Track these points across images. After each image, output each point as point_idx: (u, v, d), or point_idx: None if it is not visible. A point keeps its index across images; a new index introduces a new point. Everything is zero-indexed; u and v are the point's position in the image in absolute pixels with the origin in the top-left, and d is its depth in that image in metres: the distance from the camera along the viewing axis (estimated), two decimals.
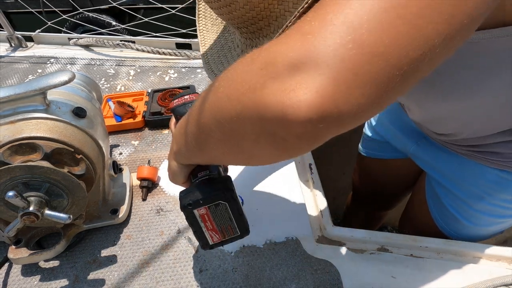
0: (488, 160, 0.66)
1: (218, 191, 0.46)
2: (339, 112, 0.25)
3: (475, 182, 0.71)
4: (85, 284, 0.65)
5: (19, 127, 0.57)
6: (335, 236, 0.71)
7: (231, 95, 0.30)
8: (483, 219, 0.74)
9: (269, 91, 0.27)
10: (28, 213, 0.54)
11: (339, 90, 0.25)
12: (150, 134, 1.01)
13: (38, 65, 1.38)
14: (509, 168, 0.65)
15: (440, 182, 0.79)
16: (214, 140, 0.36)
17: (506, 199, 0.69)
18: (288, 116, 0.26)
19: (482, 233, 0.79)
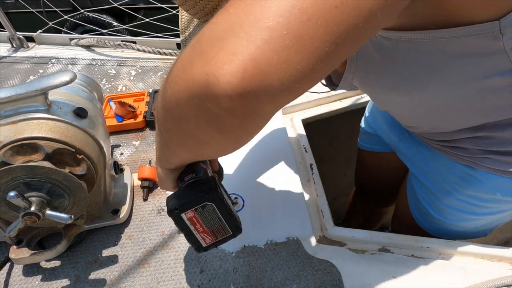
0: (456, 155, 0.67)
1: (203, 192, 0.46)
2: (262, 73, 0.24)
3: (445, 177, 0.72)
4: (86, 284, 0.65)
5: (21, 127, 0.57)
6: (336, 236, 0.71)
7: (171, 81, 0.31)
8: (453, 214, 0.75)
9: (195, 66, 0.27)
10: (29, 213, 0.54)
11: (256, 47, 0.24)
12: (151, 134, 1.01)
13: (40, 66, 1.38)
14: (474, 164, 0.65)
15: (417, 176, 0.81)
16: (170, 134, 0.36)
17: (472, 195, 0.69)
18: (212, 87, 0.25)
19: (459, 229, 0.79)
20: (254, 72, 0.24)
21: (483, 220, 0.75)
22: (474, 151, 0.63)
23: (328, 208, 0.76)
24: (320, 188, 0.81)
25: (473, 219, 0.74)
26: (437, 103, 0.56)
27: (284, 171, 0.87)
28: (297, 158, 0.91)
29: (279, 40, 0.24)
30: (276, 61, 0.24)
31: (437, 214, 0.77)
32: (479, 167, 0.64)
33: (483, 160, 0.63)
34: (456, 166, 0.68)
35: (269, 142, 0.96)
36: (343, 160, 1.63)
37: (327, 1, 0.24)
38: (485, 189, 0.66)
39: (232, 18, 0.26)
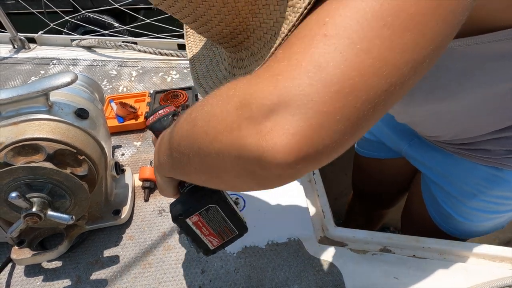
0: (478, 157, 0.66)
1: (205, 195, 0.46)
2: (315, 152, 0.26)
3: (467, 179, 0.72)
4: (87, 284, 0.65)
5: (22, 128, 0.57)
6: (337, 236, 0.71)
7: (209, 132, 0.31)
8: (477, 215, 0.75)
9: (246, 133, 0.27)
10: (31, 214, 0.54)
11: (313, 131, 0.26)
12: (152, 135, 1.01)
13: (41, 67, 1.38)
14: (498, 165, 0.65)
15: (434, 180, 0.80)
16: (194, 168, 0.36)
17: (498, 195, 0.69)
18: (267, 159, 0.26)
19: (480, 229, 0.79)
20: (309, 151, 0.26)
21: (505, 216, 0.75)
22: (499, 152, 0.63)
23: (329, 209, 0.76)
24: (321, 189, 0.81)
25: (496, 217, 0.75)
26: (467, 108, 0.56)
27: None
28: None
29: (334, 125, 0.26)
30: (328, 143, 0.26)
31: (460, 216, 0.77)
32: (505, 167, 0.64)
33: (509, 160, 0.63)
34: (478, 168, 0.68)
35: None
36: (344, 160, 1.63)
37: (376, 88, 0.26)
38: (511, 188, 0.67)
39: (284, 90, 0.26)
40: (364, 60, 0.26)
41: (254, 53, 0.40)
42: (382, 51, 0.26)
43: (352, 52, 0.26)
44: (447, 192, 0.77)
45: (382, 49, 0.26)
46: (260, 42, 0.39)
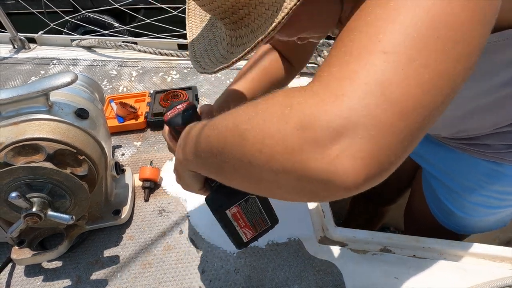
0: (479, 152, 0.67)
1: None
2: (381, 171, 0.26)
3: (468, 174, 0.72)
4: (87, 284, 0.65)
5: (22, 128, 0.57)
6: (337, 236, 0.71)
7: (264, 151, 0.29)
8: (478, 210, 0.75)
9: (310, 157, 0.26)
10: (31, 214, 0.54)
11: (381, 152, 0.26)
12: (153, 135, 1.01)
13: (41, 67, 1.38)
14: (498, 160, 0.66)
15: (434, 175, 0.80)
16: (239, 176, 0.35)
17: (499, 190, 0.70)
18: (335, 183, 0.26)
19: (481, 224, 0.80)
20: (376, 171, 0.26)
21: (506, 212, 0.76)
22: (499, 147, 0.64)
23: (329, 209, 0.76)
24: None
25: (497, 212, 0.75)
26: (474, 104, 0.56)
27: None
28: None
29: (400, 143, 0.26)
30: (393, 160, 0.27)
31: (461, 212, 0.77)
32: (505, 162, 0.65)
33: (509, 154, 0.64)
34: (479, 163, 0.68)
35: None
36: None
37: (435, 102, 0.27)
38: (511, 182, 0.67)
39: (351, 111, 0.26)
40: (424, 75, 0.26)
41: (254, 30, 0.40)
42: (438, 64, 0.26)
43: (412, 68, 0.26)
44: (448, 187, 0.77)
45: (438, 62, 0.26)
46: (261, 18, 0.39)
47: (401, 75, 0.26)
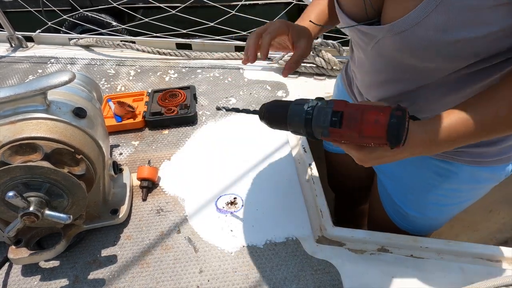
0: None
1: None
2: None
3: (420, 174, 0.73)
4: (85, 284, 0.65)
5: (20, 127, 0.57)
6: (335, 236, 0.71)
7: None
8: (431, 209, 0.77)
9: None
10: (28, 213, 0.54)
11: None
12: (150, 134, 1.01)
13: (39, 65, 1.38)
14: (450, 159, 0.67)
15: (389, 176, 0.81)
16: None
17: (449, 188, 0.71)
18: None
19: (435, 222, 0.81)
20: None
21: (458, 207, 0.78)
22: None
23: (327, 208, 0.76)
24: (319, 188, 0.81)
25: (450, 209, 0.77)
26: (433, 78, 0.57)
27: (283, 171, 0.87)
28: (297, 158, 0.91)
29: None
30: None
31: (415, 212, 0.79)
32: (456, 160, 0.66)
33: (459, 154, 0.65)
34: (430, 163, 0.70)
35: (268, 142, 0.96)
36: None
37: None
38: (461, 180, 0.69)
39: None
40: None
41: None
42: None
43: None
44: (401, 188, 0.79)
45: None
46: None
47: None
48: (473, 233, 1.70)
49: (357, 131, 0.46)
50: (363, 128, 0.46)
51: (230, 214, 0.77)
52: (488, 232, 1.66)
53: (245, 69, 1.30)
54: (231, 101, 1.13)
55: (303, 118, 0.51)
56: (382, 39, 0.54)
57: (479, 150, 0.64)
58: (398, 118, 0.44)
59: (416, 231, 0.83)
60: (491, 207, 1.60)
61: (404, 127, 0.44)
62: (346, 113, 0.48)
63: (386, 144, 0.46)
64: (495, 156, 0.65)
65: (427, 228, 0.83)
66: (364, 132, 0.46)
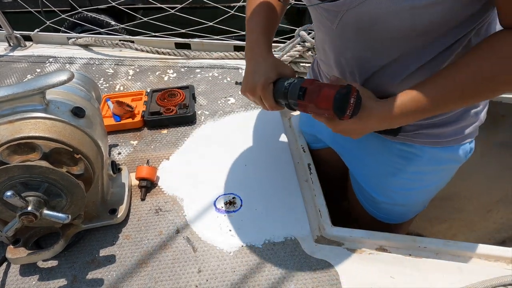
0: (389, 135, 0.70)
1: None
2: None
3: (386, 158, 0.75)
4: (83, 284, 0.65)
5: (18, 126, 0.57)
6: (334, 236, 0.71)
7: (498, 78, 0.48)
8: (399, 194, 0.79)
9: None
10: (26, 213, 0.54)
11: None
12: (149, 134, 1.01)
13: (37, 65, 1.37)
14: (410, 141, 0.70)
15: (357, 164, 0.84)
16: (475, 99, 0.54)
17: (414, 171, 0.73)
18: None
19: (402, 209, 0.84)
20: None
21: (424, 192, 0.80)
22: (408, 128, 0.68)
23: (326, 208, 0.76)
24: (318, 188, 0.81)
25: (417, 193, 0.80)
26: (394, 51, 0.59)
27: (282, 171, 0.87)
28: (295, 158, 0.91)
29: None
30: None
31: (384, 197, 0.81)
32: (415, 142, 0.69)
33: (418, 135, 0.68)
34: (393, 146, 0.72)
35: (267, 143, 0.96)
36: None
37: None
38: (424, 162, 0.72)
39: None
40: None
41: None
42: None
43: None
44: (368, 175, 0.81)
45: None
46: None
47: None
48: (471, 233, 1.71)
49: (314, 103, 0.57)
50: (318, 101, 0.56)
51: (229, 214, 0.77)
52: (486, 232, 1.67)
53: (244, 69, 1.30)
54: (230, 101, 1.13)
55: (282, 92, 0.62)
56: (346, 14, 0.57)
57: (436, 131, 0.67)
58: (341, 94, 0.53)
59: (390, 220, 0.86)
60: (490, 207, 1.61)
61: (347, 102, 0.54)
62: (309, 89, 0.58)
63: (336, 115, 0.55)
64: (451, 136, 0.68)
65: (399, 216, 0.86)
66: (319, 104, 0.56)
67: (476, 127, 0.71)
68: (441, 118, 0.66)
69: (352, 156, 0.85)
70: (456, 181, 1.48)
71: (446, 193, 1.62)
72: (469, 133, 0.69)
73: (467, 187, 1.58)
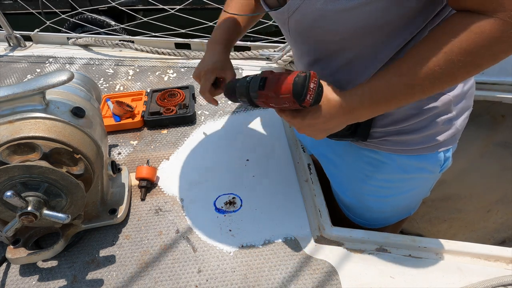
0: (360, 142, 0.70)
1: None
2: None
3: (356, 165, 0.76)
4: (83, 284, 0.65)
5: (18, 126, 0.57)
6: (333, 236, 0.71)
7: (473, 50, 0.45)
8: (372, 201, 0.79)
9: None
10: (26, 213, 0.54)
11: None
12: (149, 134, 1.01)
13: (37, 65, 1.37)
14: (376, 148, 0.69)
15: (331, 169, 0.84)
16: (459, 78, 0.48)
17: (383, 178, 0.73)
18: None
19: (380, 215, 0.83)
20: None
21: (398, 199, 0.78)
22: (375, 135, 0.67)
23: (326, 208, 0.76)
24: (318, 188, 0.81)
25: (391, 200, 0.78)
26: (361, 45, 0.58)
27: (282, 171, 0.87)
28: (295, 158, 0.91)
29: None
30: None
31: (358, 202, 0.82)
32: (382, 149, 0.69)
33: (384, 142, 0.67)
34: (362, 153, 0.72)
35: (267, 143, 0.96)
36: None
37: None
38: (391, 169, 0.71)
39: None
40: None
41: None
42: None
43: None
44: (342, 181, 0.82)
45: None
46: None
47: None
48: (471, 233, 1.71)
49: (274, 91, 0.56)
50: (277, 88, 0.55)
51: (229, 214, 0.77)
52: (486, 231, 1.67)
53: (244, 69, 1.30)
54: (230, 101, 1.13)
55: (244, 87, 0.62)
56: (290, 21, 0.58)
57: (401, 138, 0.65)
58: (300, 78, 0.52)
59: (371, 225, 0.86)
60: (489, 207, 1.61)
61: (306, 86, 0.52)
62: (268, 78, 0.58)
63: (295, 102, 0.53)
64: (420, 144, 0.66)
65: (377, 221, 0.85)
66: (279, 91, 0.55)
67: (452, 135, 0.66)
68: (408, 124, 0.63)
69: (328, 162, 0.84)
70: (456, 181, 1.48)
71: (446, 193, 1.63)
72: (442, 141, 0.65)
73: (467, 187, 1.59)
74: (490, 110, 1.38)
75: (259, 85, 0.58)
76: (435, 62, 0.47)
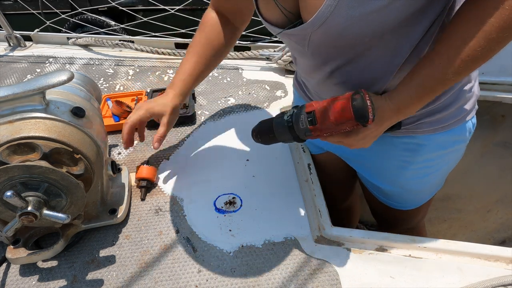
0: (395, 132, 0.69)
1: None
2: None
3: (391, 154, 0.77)
4: (83, 284, 0.65)
5: (18, 126, 0.57)
6: (333, 236, 0.71)
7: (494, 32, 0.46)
8: (415, 183, 0.81)
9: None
10: (26, 213, 0.54)
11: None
12: (149, 134, 1.01)
13: (37, 65, 1.37)
14: (412, 133, 0.70)
15: (364, 165, 0.85)
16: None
17: (423, 159, 0.74)
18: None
19: (422, 194, 0.86)
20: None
21: (438, 174, 0.81)
22: (408, 121, 0.68)
23: (326, 208, 0.76)
24: (318, 188, 0.81)
25: (431, 178, 0.81)
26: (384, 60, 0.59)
27: (282, 171, 0.87)
28: (295, 158, 0.91)
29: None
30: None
31: (399, 188, 0.83)
32: (418, 133, 0.70)
33: (419, 125, 0.69)
34: (397, 141, 0.73)
35: None
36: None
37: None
38: (431, 149, 0.73)
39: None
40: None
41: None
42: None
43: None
44: (376, 172, 0.83)
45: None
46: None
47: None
48: (471, 233, 1.71)
49: (332, 122, 0.55)
50: (335, 117, 0.54)
51: (229, 214, 0.77)
52: (486, 231, 1.67)
53: (244, 69, 1.30)
54: (230, 101, 1.13)
55: (286, 127, 0.61)
56: (313, 35, 0.57)
57: (438, 116, 0.68)
58: (357, 100, 0.52)
59: (409, 206, 0.88)
60: (489, 207, 1.61)
61: (366, 106, 0.52)
62: (317, 111, 0.56)
63: (358, 124, 0.53)
64: (452, 118, 0.69)
65: (418, 201, 0.88)
66: (338, 120, 0.54)
67: (474, 102, 0.71)
68: (439, 103, 0.66)
69: (357, 157, 0.85)
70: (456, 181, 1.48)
71: (446, 193, 1.63)
72: (469, 109, 0.70)
73: (467, 187, 1.59)
74: (490, 110, 1.38)
75: (309, 121, 0.57)
76: (476, 42, 0.48)
